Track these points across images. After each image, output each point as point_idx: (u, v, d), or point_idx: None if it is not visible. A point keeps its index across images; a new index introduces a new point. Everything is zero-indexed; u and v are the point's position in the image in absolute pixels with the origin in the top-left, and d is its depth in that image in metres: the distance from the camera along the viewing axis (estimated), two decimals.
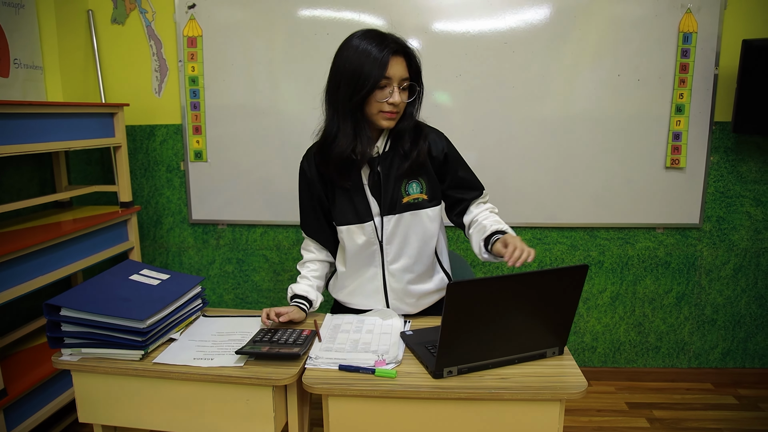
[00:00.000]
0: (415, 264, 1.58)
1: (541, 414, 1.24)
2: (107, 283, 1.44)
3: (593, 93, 2.40)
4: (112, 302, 1.34)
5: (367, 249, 1.57)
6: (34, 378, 1.88)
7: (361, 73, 1.35)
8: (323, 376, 1.26)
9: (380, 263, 1.58)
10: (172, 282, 1.52)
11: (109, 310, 1.29)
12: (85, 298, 1.33)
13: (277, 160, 2.54)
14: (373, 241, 1.55)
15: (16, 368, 1.93)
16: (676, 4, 2.31)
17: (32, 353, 2.08)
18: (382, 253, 1.57)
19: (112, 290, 1.40)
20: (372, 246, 1.56)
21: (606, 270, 2.63)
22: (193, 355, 1.32)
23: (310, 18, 2.40)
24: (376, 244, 1.56)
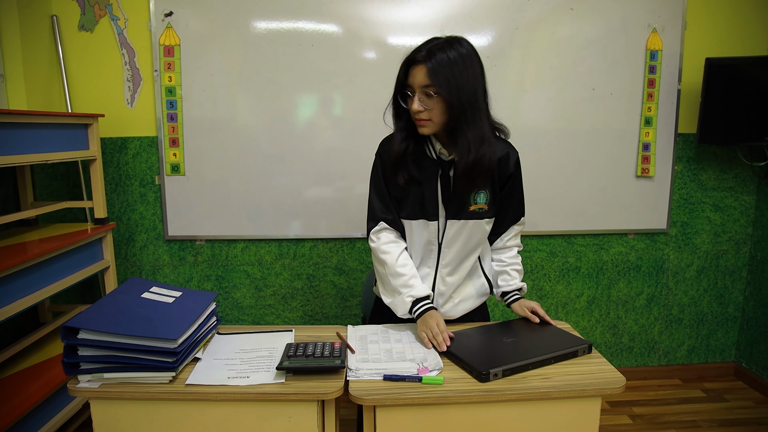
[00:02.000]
0: (464, 269, 1.59)
1: (584, 410, 1.27)
2: (121, 302, 1.33)
3: (570, 106, 2.52)
4: (135, 322, 1.24)
5: (426, 249, 1.57)
6: (16, 412, 1.71)
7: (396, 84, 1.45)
8: (369, 387, 1.23)
9: (435, 265, 1.58)
10: (186, 299, 1.44)
11: (134, 330, 1.20)
12: (105, 318, 1.23)
13: (259, 172, 2.47)
14: (434, 241, 1.56)
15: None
16: (642, 23, 2.48)
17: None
18: (439, 255, 1.57)
19: (129, 309, 1.30)
20: (431, 246, 1.57)
21: (582, 275, 2.74)
22: (226, 374, 1.25)
23: (293, 29, 2.38)
24: (435, 245, 1.56)
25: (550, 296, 2.75)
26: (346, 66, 2.41)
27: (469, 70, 1.38)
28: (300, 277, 2.63)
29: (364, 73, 2.42)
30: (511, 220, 1.63)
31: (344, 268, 2.64)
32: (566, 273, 2.73)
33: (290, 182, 2.50)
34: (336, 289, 2.66)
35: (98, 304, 1.29)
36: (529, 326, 1.55)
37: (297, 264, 2.62)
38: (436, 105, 1.39)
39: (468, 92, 1.37)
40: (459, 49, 1.37)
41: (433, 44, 1.38)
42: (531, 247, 2.69)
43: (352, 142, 2.47)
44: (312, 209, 2.53)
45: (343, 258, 2.63)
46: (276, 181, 2.49)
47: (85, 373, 1.22)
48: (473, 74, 1.39)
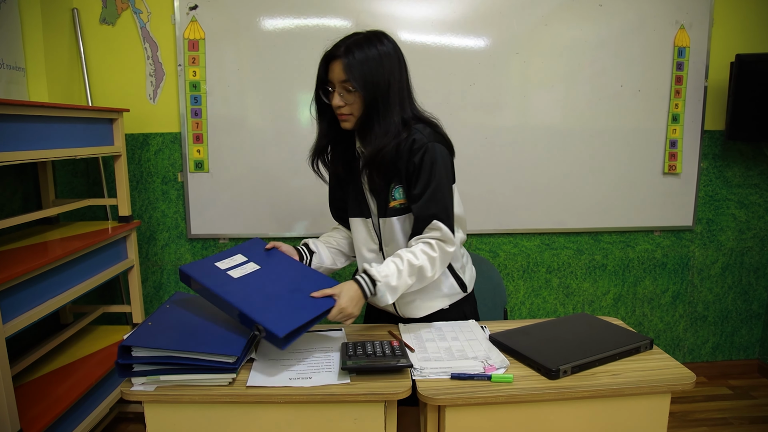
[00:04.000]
0: None
1: (653, 407, 1.24)
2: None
3: (597, 103, 2.50)
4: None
5: (371, 248, 1.57)
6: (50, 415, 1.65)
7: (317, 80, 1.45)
8: (436, 386, 1.19)
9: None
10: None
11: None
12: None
13: (285, 170, 2.42)
14: (375, 240, 1.56)
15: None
16: (670, 20, 2.46)
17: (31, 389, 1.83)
18: (382, 254, 1.56)
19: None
20: (374, 245, 1.56)
21: (609, 273, 2.72)
22: (287, 375, 1.20)
23: (319, 25, 2.33)
24: (376, 243, 1.56)
25: (576, 294, 2.73)
26: None
27: (384, 66, 1.37)
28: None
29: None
30: (419, 220, 1.42)
31: None
32: (593, 270, 2.71)
33: (316, 180, 2.44)
34: None
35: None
36: (583, 322, 1.51)
37: None
38: (356, 100, 1.39)
39: (382, 87, 1.36)
40: (377, 44, 1.38)
41: (352, 40, 1.38)
42: (558, 244, 2.66)
43: None
44: (309, 210, 2.49)
45: None
46: (301, 179, 2.44)
47: (140, 375, 1.16)
48: (389, 69, 1.37)
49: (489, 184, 2.53)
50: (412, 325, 1.55)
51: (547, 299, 2.72)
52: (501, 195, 2.55)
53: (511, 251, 2.65)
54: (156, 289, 2.50)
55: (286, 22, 2.32)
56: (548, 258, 2.69)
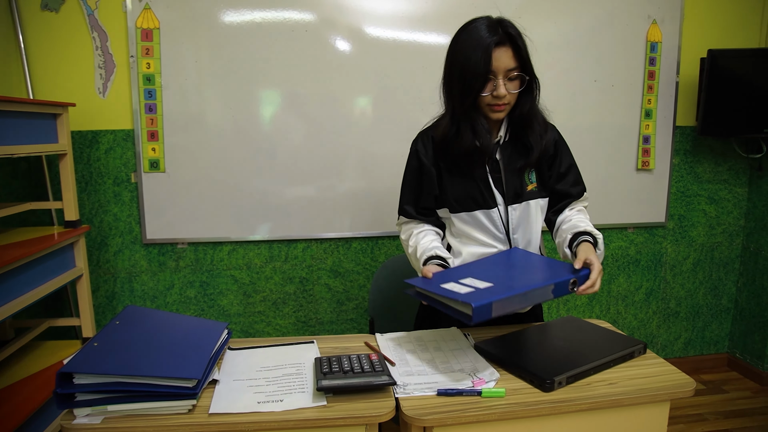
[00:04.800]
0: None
1: (652, 416, 1.18)
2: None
3: (571, 98, 2.44)
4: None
5: (495, 238, 1.44)
6: None
7: (468, 72, 1.29)
8: (422, 404, 1.08)
9: None
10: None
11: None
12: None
13: (248, 169, 2.28)
14: (500, 229, 1.44)
15: None
16: (643, 14, 2.43)
17: None
18: (510, 244, 1.45)
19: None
20: (500, 234, 1.44)
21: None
22: (255, 399, 1.07)
23: (281, 18, 2.20)
24: (502, 233, 1.44)
25: None
26: (343, 56, 2.25)
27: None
28: (292, 281, 2.45)
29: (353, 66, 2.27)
30: (574, 195, 1.49)
31: (340, 270, 2.48)
32: None
33: (281, 179, 2.32)
34: (331, 293, 2.49)
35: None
36: (571, 327, 1.44)
37: (289, 267, 2.43)
38: (515, 87, 1.33)
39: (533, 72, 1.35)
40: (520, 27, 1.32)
41: (506, 24, 1.31)
42: None
43: (346, 137, 2.31)
44: (304, 208, 2.36)
45: (339, 259, 2.47)
46: (266, 179, 2.30)
47: (84, 406, 1.01)
48: None
49: None
50: (389, 334, 1.44)
51: None
52: None
53: None
54: (109, 299, 2.32)
55: (248, 14, 2.18)
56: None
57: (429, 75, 2.31)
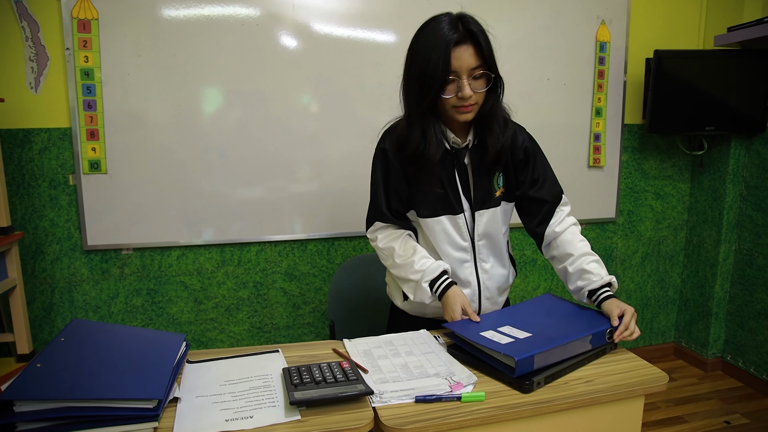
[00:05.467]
0: (502, 259, 1.47)
1: (628, 411, 1.19)
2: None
3: (525, 96, 2.46)
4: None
5: (457, 247, 1.40)
6: None
7: (427, 73, 1.22)
8: (401, 413, 1.03)
9: (473, 262, 1.42)
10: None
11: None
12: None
13: (194, 170, 2.16)
14: (465, 236, 1.40)
15: None
16: (593, 15, 2.48)
17: None
18: (474, 251, 1.41)
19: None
20: (464, 242, 1.40)
21: (539, 267, 2.71)
22: (222, 416, 0.99)
23: (228, 14, 2.10)
24: (467, 240, 1.40)
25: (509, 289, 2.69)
26: (286, 54, 2.17)
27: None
28: (246, 286, 2.34)
29: (300, 65, 2.20)
30: (551, 200, 1.44)
31: (295, 273, 2.40)
32: (523, 266, 2.69)
33: (232, 180, 2.21)
34: (287, 297, 2.41)
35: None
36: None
37: (242, 271, 2.33)
38: (481, 87, 1.27)
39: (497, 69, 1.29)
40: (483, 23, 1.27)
41: (467, 21, 1.24)
42: None
43: (298, 137, 2.24)
44: (257, 210, 2.26)
45: (294, 262, 2.38)
46: (216, 180, 2.19)
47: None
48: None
49: None
50: (357, 340, 1.38)
51: None
52: None
53: None
54: (46, 312, 2.14)
55: (195, 7, 2.06)
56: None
57: (382, 73, 2.27)
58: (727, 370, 2.78)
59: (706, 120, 2.47)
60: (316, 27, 2.19)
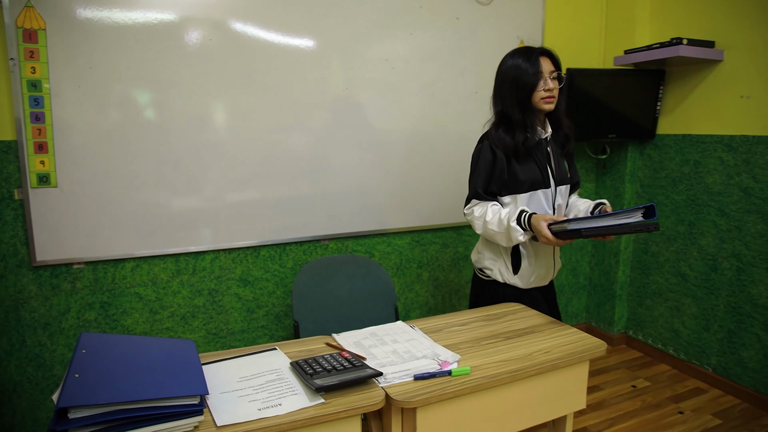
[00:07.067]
0: None
1: (578, 373, 1.46)
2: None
3: (456, 108, 2.72)
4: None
5: (546, 211, 1.80)
6: None
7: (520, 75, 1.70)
8: (405, 389, 1.21)
9: None
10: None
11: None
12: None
13: (149, 180, 2.18)
14: (550, 205, 1.81)
15: None
16: (513, 35, 2.79)
17: None
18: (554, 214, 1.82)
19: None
20: (549, 209, 1.81)
21: (471, 263, 2.97)
22: (254, 407, 1.11)
23: (178, 20, 2.15)
24: (551, 208, 1.82)
25: (444, 285, 2.93)
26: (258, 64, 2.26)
27: None
28: (201, 294, 2.38)
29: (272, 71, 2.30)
30: (577, 184, 1.94)
31: (249, 279, 2.47)
32: (457, 262, 2.94)
33: (184, 190, 2.25)
34: (241, 302, 2.47)
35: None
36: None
37: (197, 279, 2.37)
38: (556, 85, 1.72)
39: None
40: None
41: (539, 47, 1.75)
42: (426, 240, 2.84)
43: (247, 143, 2.32)
44: (211, 218, 2.31)
45: (248, 268, 2.46)
46: (169, 190, 2.22)
47: None
48: None
49: (362, 186, 2.58)
50: (345, 333, 1.53)
51: (419, 293, 2.88)
52: (374, 196, 2.62)
53: (385, 250, 2.75)
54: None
55: (145, 16, 2.08)
56: (418, 254, 2.84)
57: (317, 78, 2.41)
58: (630, 343, 3.23)
59: (609, 129, 2.87)
60: (235, 26, 2.28)
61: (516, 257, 1.84)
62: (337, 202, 2.56)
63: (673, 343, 2.97)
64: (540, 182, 1.78)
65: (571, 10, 3.01)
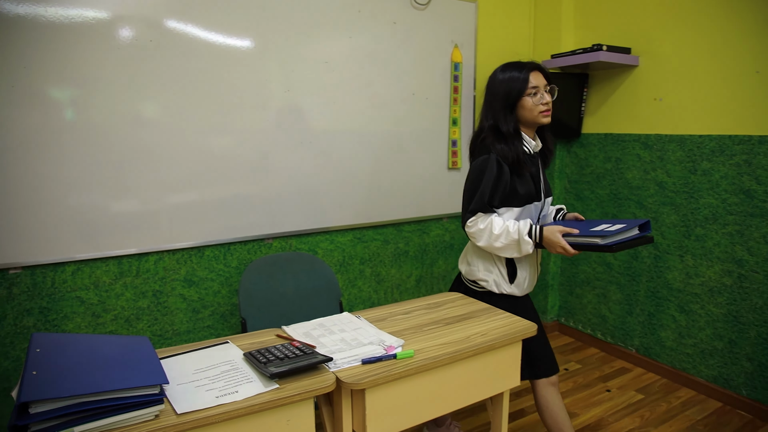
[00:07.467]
0: None
1: (511, 351, 1.59)
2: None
3: (395, 109, 2.83)
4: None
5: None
6: None
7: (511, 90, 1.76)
8: (354, 373, 1.29)
9: None
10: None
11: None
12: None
13: (91, 181, 2.14)
14: (534, 218, 1.88)
15: None
16: (448, 39, 2.94)
17: None
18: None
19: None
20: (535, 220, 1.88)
21: (411, 258, 3.10)
22: (211, 395, 1.16)
23: (90, 17, 2.14)
24: (534, 220, 1.88)
25: (386, 280, 3.04)
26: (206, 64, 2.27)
27: None
28: (145, 295, 2.37)
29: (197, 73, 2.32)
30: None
31: (194, 279, 2.48)
32: (398, 257, 3.06)
33: (126, 191, 2.23)
34: (186, 303, 2.48)
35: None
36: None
37: (141, 281, 2.35)
38: (551, 97, 1.79)
39: None
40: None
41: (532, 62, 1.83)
42: (368, 237, 2.93)
43: (184, 141, 2.33)
44: (153, 219, 2.30)
45: (193, 268, 2.47)
46: (109, 192, 2.19)
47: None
48: None
49: (304, 185, 2.64)
50: (294, 325, 1.60)
51: (362, 288, 2.98)
52: (316, 195, 2.69)
53: (328, 247, 2.83)
54: None
55: (81, 14, 2.05)
56: (360, 250, 2.94)
57: (259, 79, 2.46)
58: (562, 330, 3.46)
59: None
60: (170, 25, 2.31)
61: (511, 267, 1.87)
62: (280, 202, 2.60)
63: (601, 328, 3.21)
64: (534, 195, 1.83)
65: (502, 17, 3.19)
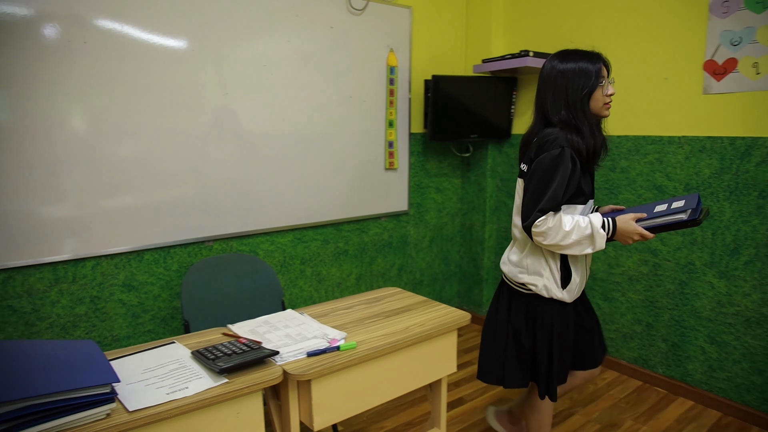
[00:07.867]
0: None
1: (448, 340, 1.72)
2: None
3: (331, 112, 2.90)
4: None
5: None
6: None
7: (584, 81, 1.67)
8: (299, 365, 1.36)
9: None
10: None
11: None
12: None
13: (18, 187, 2.08)
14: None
15: None
16: (384, 44, 3.04)
17: None
18: None
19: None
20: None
21: (350, 256, 3.19)
22: (162, 392, 1.20)
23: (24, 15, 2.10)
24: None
25: (326, 279, 3.11)
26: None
27: None
28: (82, 302, 2.33)
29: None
30: None
31: (133, 284, 2.45)
32: (338, 256, 3.13)
33: (56, 196, 2.18)
34: (126, 308, 2.45)
35: None
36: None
37: (77, 287, 2.31)
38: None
39: None
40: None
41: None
42: (308, 237, 2.99)
43: (119, 145, 2.32)
44: (87, 223, 2.26)
45: (132, 273, 2.44)
46: (38, 196, 2.13)
47: None
48: None
49: (244, 187, 2.67)
50: (240, 323, 1.65)
51: (303, 288, 3.03)
52: (256, 197, 2.72)
53: (269, 248, 2.86)
54: None
55: (2, 9, 2.00)
56: (301, 251, 2.99)
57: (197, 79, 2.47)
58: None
59: (471, 129, 3.23)
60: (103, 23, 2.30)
61: (566, 270, 1.75)
62: (219, 204, 2.62)
63: None
64: (591, 193, 1.78)
65: (436, 22, 3.34)
